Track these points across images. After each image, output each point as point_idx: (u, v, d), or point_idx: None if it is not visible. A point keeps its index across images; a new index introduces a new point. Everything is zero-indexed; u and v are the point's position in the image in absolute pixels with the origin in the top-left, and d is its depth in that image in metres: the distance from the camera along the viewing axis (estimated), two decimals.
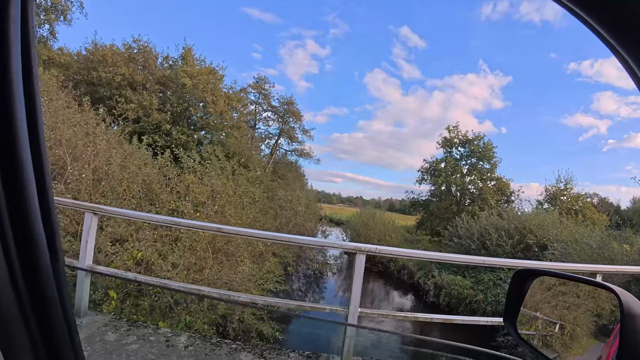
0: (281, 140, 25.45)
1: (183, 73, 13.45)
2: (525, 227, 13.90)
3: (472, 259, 3.12)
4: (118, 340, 2.64)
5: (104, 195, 7.01)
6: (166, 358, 2.45)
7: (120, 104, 12.54)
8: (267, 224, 14.04)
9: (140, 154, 9.25)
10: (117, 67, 13.35)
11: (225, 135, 13.89)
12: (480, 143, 22.76)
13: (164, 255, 6.19)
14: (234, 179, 10.83)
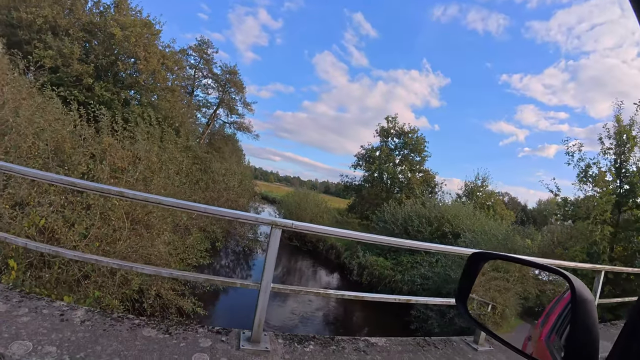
0: (220, 111, 24.23)
1: (113, 22, 11.96)
2: (444, 217, 15.21)
3: (380, 239, 3.28)
4: (8, 312, 2.34)
5: (7, 151, 6.09)
6: (58, 332, 2.23)
7: (38, 49, 10.85)
8: (194, 196, 13.45)
9: (53, 108, 8.15)
10: (41, 9, 11.48)
11: (157, 98, 12.75)
12: (414, 136, 24.14)
13: (71, 223, 5.60)
14: (162, 145, 10.11)
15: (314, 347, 2.73)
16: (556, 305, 0.86)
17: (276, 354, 2.50)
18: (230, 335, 2.64)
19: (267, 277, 2.56)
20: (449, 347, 3.23)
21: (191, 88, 22.56)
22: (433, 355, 2.98)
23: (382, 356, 2.79)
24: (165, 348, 2.31)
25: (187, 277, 2.75)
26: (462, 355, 3.12)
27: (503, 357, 3.19)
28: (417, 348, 3.07)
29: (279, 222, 2.58)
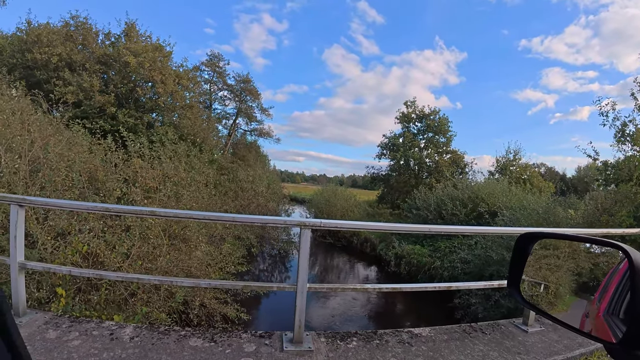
0: (239, 120, 24.68)
1: (126, 50, 12.44)
2: (478, 197, 14.70)
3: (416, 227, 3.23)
4: (59, 338, 2.49)
5: (43, 187, 6.48)
6: (110, 351, 2.34)
7: (58, 87, 11.47)
8: (225, 205, 13.79)
9: (82, 141, 8.60)
10: (53, 47, 12.11)
11: (178, 117, 13.16)
12: (436, 118, 23.50)
13: (113, 246, 5.88)
14: (188, 161, 10.41)
15: (356, 342, 2.72)
16: (612, 278, 0.82)
17: (320, 352, 2.53)
18: (273, 338, 2.68)
19: (302, 277, 2.58)
20: (497, 332, 3.12)
21: (209, 102, 23.11)
22: (481, 341, 2.88)
23: (428, 346, 2.72)
24: (212, 356, 2.38)
25: (225, 286, 2.82)
26: (512, 338, 3.00)
27: (555, 336, 3.06)
28: (463, 335, 2.98)
29: (307, 222, 2.60)
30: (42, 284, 4.54)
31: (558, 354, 2.78)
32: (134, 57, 12.31)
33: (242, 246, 12.50)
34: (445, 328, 3.11)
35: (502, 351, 2.74)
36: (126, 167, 8.47)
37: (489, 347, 2.79)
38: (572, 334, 3.00)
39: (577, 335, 3.02)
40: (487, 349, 2.75)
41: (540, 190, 19.19)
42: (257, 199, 15.19)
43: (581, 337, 2.92)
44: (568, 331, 2.95)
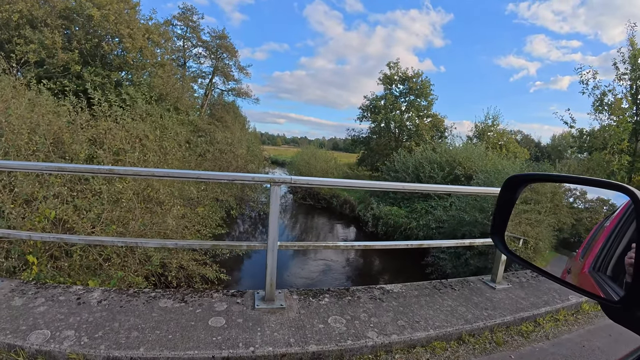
0: (216, 80, 23.55)
1: (88, 3, 11.43)
2: (455, 160, 14.95)
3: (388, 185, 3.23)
4: (25, 305, 2.40)
5: (7, 152, 6.08)
6: (76, 316, 2.29)
7: (20, 46, 10.53)
8: (201, 168, 13.53)
9: (45, 102, 8.03)
10: (14, 4, 10.98)
11: (149, 75, 12.37)
12: (419, 80, 23.17)
13: (83, 211, 5.68)
14: (161, 122, 9.98)
15: (329, 299, 2.79)
16: (598, 234, 0.80)
17: (291, 309, 2.57)
18: (245, 297, 2.70)
19: (273, 235, 2.55)
20: (466, 288, 3.25)
21: (183, 60, 21.84)
22: (450, 297, 3.00)
23: (399, 302, 2.81)
24: (182, 316, 2.37)
25: (193, 246, 2.76)
26: (480, 294, 3.13)
27: (522, 294, 3.22)
28: (433, 291, 3.09)
29: (277, 179, 2.54)
30: (11, 252, 4.36)
31: (524, 310, 2.88)
32: (97, 9, 11.33)
33: (221, 208, 12.47)
34: (416, 284, 3.21)
35: (470, 306, 2.84)
36: (93, 128, 8.05)
37: (457, 302, 2.91)
38: (539, 291, 3.17)
39: (542, 294, 3.19)
40: (455, 304, 2.85)
41: (515, 156, 19.75)
42: (237, 161, 14.92)
43: (547, 296, 3.11)
44: (535, 289, 3.09)
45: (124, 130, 8.56)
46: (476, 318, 2.66)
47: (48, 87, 9.26)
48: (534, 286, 3.41)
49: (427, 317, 2.60)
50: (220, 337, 2.13)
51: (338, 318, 2.49)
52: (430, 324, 2.51)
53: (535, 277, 3.63)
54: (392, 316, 2.57)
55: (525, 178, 1.07)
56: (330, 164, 20.06)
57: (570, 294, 3.21)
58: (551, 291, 3.31)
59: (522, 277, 3.63)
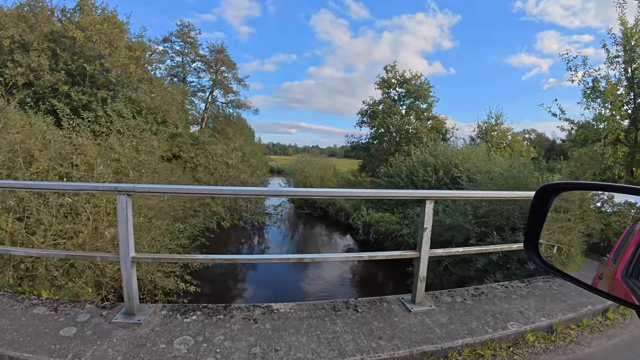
0: (216, 93, 23.89)
1: (71, 25, 11.82)
2: (451, 162, 14.41)
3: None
4: None
5: None
6: None
7: (9, 69, 11.00)
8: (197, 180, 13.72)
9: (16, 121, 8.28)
10: (5, 30, 11.53)
11: (133, 90, 12.57)
12: (417, 82, 22.70)
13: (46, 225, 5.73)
14: (140, 136, 10.06)
15: (196, 317, 2.60)
16: (629, 238, 0.78)
17: (147, 325, 2.43)
18: (113, 310, 2.62)
19: (124, 247, 2.41)
20: (374, 309, 2.85)
21: (183, 75, 22.30)
22: (344, 321, 2.62)
23: (274, 324, 2.54)
24: (44, 322, 2.41)
25: (51, 256, 2.67)
26: (386, 318, 2.70)
27: (443, 318, 2.74)
28: (329, 313, 2.75)
29: (121, 188, 2.40)
30: None
31: (432, 342, 2.38)
32: (82, 31, 11.69)
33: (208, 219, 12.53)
34: (312, 303, 2.92)
35: (361, 334, 2.44)
36: (65, 145, 8.19)
37: (348, 328, 2.52)
38: (469, 316, 2.78)
39: (472, 319, 2.75)
40: (343, 331, 2.47)
41: (521, 155, 18.89)
42: (228, 172, 14.96)
43: (478, 322, 2.69)
44: (466, 313, 2.70)
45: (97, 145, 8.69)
46: (356, 350, 2.24)
47: (36, 108, 9.64)
48: (466, 309, 2.92)
49: (293, 345, 2.28)
50: (59, 346, 2.14)
51: (188, 339, 2.30)
52: (291, 354, 2.18)
53: (475, 296, 3.19)
54: (252, 341, 2.31)
55: (557, 187, 1.09)
56: (328, 172, 19.78)
57: (510, 320, 2.75)
58: (487, 315, 2.81)
59: (458, 296, 3.17)
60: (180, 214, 9.49)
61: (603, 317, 3.10)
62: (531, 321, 2.77)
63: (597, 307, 3.09)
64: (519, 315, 2.85)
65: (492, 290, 3.38)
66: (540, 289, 3.47)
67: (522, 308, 3.00)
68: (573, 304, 3.11)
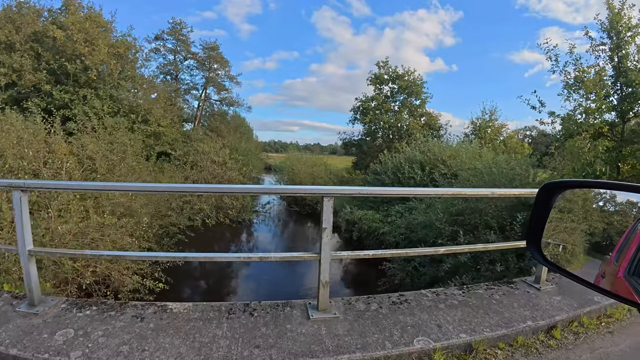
0: (210, 91, 23.92)
1: (52, 26, 11.91)
2: (438, 159, 14.23)
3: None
4: None
5: None
6: None
7: None
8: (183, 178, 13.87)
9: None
10: None
11: (114, 88, 12.59)
12: (410, 78, 22.43)
13: None
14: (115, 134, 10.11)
15: (90, 312, 2.62)
16: (631, 237, 0.80)
17: (43, 316, 2.52)
18: (23, 300, 2.72)
19: (21, 241, 2.49)
20: (271, 314, 2.65)
21: (175, 72, 22.34)
22: (231, 326, 2.49)
23: (161, 324, 2.49)
24: None
25: None
26: (278, 325, 2.52)
27: (342, 329, 2.50)
28: (220, 315, 2.64)
29: (15, 184, 2.49)
30: None
31: (312, 355, 2.20)
32: (63, 31, 11.77)
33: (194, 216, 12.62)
34: (210, 305, 2.79)
35: (240, 340, 2.33)
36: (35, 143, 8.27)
37: (230, 333, 2.39)
38: (376, 327, 2.48)
39: (381, 330, 2.49)
40: (222, 336, 2.36)
41: (515, 152, 18.56)
42: (214, 169, 15.00)
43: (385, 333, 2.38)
44: (368, 325, 2.48)
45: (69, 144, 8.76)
46: (223, 358, 2.14)
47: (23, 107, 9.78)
48: (376, 319, 2.65)
49: (162, 347, 2.22)
50: None
51: (70, 332, 2.35)
52: (155, 356, 2.13)
53: (395, 304, 2.91)
54: (125, 339, 2.28)
55: (560, 185, 1.08)
56: (319, 169, 19.66)
57: (420, 335, 2.46)
58: (396, 327, 2.55)
59: (375, 304, 2.90)
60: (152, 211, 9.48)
61: (547, 335, 2.72)
62: (446, 337, 2.45)
63: (540, 323, 2.76)
64: (434, 329, 2.53)
65: (419, 298, 3.09)
66: (479, 297, 3.15)
67: (443, 320, 2.68)
68: (510, 317, 2.78)
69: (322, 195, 2.63)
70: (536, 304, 3.09)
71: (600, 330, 2.90)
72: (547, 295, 3.28)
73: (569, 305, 3.07)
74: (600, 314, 3.12)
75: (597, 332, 2.88)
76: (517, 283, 3.53)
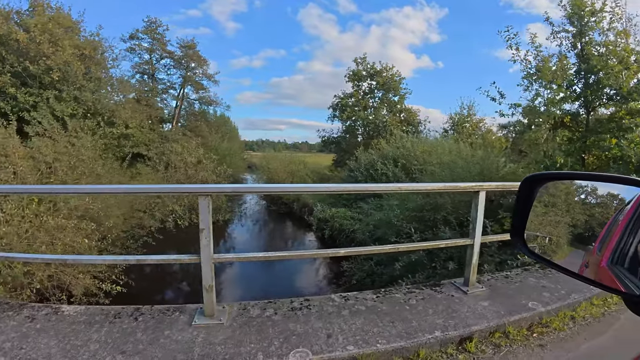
0: (188, 90, 23.68)
1: (15, 28, 11.74)
2: (411, 154, 14.28)
3: None
4: None
5: None
6: None
7: None
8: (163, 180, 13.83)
9: None
10: None
11: (78, 90, 12.40)
12: (389, 74, 22.47)
13: None
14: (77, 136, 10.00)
15: None
16: (612, 228, 0.82)
17: None
18: None
19: None
20: (157, 320, 2.60)
21: (151, 72, 22.09)
22: (110, 330, 2.46)
23: (45, 325, 2.53)
24: None
25: None
26: (156, 331, 2.46)
27: (218, 338, 2.37)
28: (105, 320, 2.62)
29: None
30: None
31: None
32: (26, 32, 11.61)
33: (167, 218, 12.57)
34: (101, 308, 2.83)
35: (109, 342, 2.32)
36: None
37: (104, 337, 2.36)
38: (260, 336, 2.36)
39: (252, 344, 2.31)
40: (95, 340, 2.35)
41: (492, 146, 18.68)
42: (187, 170, 14.90)
43: (256, 345, 2.25)
44: (251, 334, 2.38)
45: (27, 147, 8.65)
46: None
47: None
48: (260, 328, 2.50)
49: (39, 347, 2.26)
50: None
51: None
52: (28, 355, 2.18)
53: (293, 311, 2.76)
54: (3, 339, 2.33)
55: (542, 177, 1.11)
56: (294, 167, 19.52)
57: (300, 346, 2.30)
58: (281, 335, 2.42)
59: (270, 309, 2.77)
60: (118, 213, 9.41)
61: (458, 348, 2.46)
62: (330, 349, 2.26)
63: (451, 334, 2.49)
64: (321, 340, 2.36)
65: (324, 303, 2.91)
66: (392, 303, 2.92)
67: (337, 329, 2.48)
68: (417, 327, 2.54)
69: (197, 195, 2.53)
70: (455, 310, 2.81)
71: (529, 343, 2.54)
72: (474, 299, 3.02)
73: (495, 312, 2.78)
74: (532, 323, 2.78)
75: (524, 344, 2.52)
76: (445, 285, 3.31)
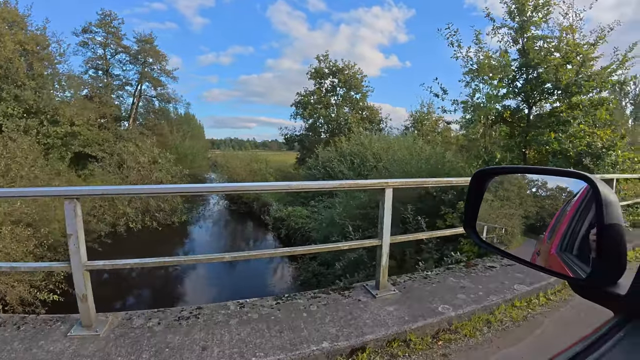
0: (145, 87, 22.79)
1: None
2: (368, 151, 14.45)
3: None
4: None
5: None
6: None
7: None
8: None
9: None
10: None
11: (19, 88, 11.65)
12: (351, 72, 22.58)
13: None
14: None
15: None
16: (561, 218, 0.86)
17: None
18: None
19: None
20: (34, 331, 2.43)
21: (105, 67, 21.10)
22: None
23: None
24: None
25: None
26: (32, 340, 2.31)
27: (96, 347, 2.26)
28: None
29: None
30: None
31: None
32: None
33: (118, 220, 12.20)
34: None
35: None
36: None
37: None
38: (131, 349, 2.28)
39: (132, 355, 2.21)
40: None
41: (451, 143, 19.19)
42: (139, 172, 14.41)
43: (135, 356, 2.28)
44: (129, 345, 2.20)
45: None
46: None
47: None
48: (138, 340, 2.35)
49: None
50: None
51: None
52: None
53: (183, 320, 2.63)
54: None
55: (491, 171, 1.17)
56: (259, 165, 19.31)
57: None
58: (153, 348, 2.27)
59: (155, 319, 2.63)
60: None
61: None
62: None
63: (341, 344, 2.32)
64: (194, 354, 2.21)
65: (215, 311, 2.76)
66: (291, 310, 2.79)
67: (216, 341, 2.34)
68: (306, 337, 2.39)
69: (63, 198, 2.28)
70: (356, 317, 2.66)
71: (431, 352, 2.37)
72: (380, 304, 2.88)
73: (399, 319, 2.64)
74: (440, 329, 2.64)
75: (425, 354, 2.36)
76: (355, 289, 3.19)
